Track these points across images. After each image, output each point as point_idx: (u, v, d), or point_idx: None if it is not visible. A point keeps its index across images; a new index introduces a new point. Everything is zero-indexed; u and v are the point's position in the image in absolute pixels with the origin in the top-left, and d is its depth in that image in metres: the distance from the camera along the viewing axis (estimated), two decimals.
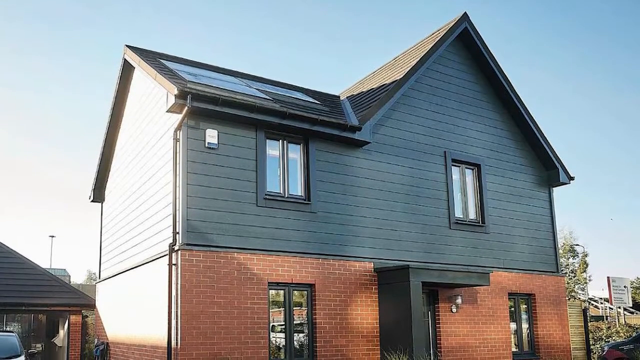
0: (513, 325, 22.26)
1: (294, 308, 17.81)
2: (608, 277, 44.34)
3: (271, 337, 17.16)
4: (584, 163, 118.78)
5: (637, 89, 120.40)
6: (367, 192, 19.37)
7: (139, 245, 19.97)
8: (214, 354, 15.70)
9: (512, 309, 22.33)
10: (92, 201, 26.64)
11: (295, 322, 17.78)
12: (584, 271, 69.55)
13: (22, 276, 28.56)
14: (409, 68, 20.87)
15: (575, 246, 70.35)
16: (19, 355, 19.24)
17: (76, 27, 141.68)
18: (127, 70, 22.37)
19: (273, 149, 18.19)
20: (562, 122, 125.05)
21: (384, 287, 18.78)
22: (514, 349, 21.99)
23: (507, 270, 22.13)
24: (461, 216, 21.66)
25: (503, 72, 23.03)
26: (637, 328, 39.97)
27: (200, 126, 16.68)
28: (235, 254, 16.56)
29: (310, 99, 21.53)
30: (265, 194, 17.44)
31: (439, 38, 21.87)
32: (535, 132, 23.43)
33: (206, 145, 16.68)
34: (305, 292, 17.93)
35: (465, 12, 22.40)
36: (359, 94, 23.27)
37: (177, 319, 15.59)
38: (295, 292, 17.84)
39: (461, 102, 22.38)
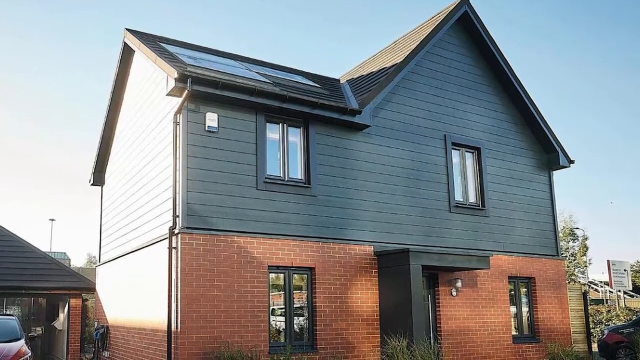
0: (513, 309, 22.29)
1: (294, 291, 17.83)
2: (608, 261, 44.49)
3: (271, 320, 17.19)
4: (584, 146, 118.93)
5: (637, 71, 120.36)
6: (367, 175, 19.36)
7: (139, 228, 19.99)
8: (214, 338, 15.72)
9: (512, 292, 22.36)
10: (92, 184, 26.65)
11: (295, 306, 17.80)
12: (584, 254, 69.60)
13: (22, 260, 28.59)
14: (409, 51, 20.82)
15: (575, 229, 70.41)
16: (19, 339, 19.24)
17: (76, 10, 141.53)
18: (127, 53, 22.33)
19: (273, 132, 18.17)
20: (562, 105, 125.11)
21: (384, 271, 18.79)
22: (514, 333, 22.03)
23: (507, 253, 22.15)
24: (461, 199, 21.65)
25: (503, 55, 22.98)
26: (637, 311, 40.15)
27: (200, 110, 16.65)
28: (235, 237, 16.57)
29: (310, 83, 21.50)
30: (265, 178, 17.43)
31: (439, 21, 21.81)
32: (535, 115, 23.41)
33: (206, 128, 16.65)
34: (305, 275, 17.95)
35: None
36: (359, 77, 23.23)
37: (177, 302, 15.61)
38: (295, 275, 17.86)
39: (461, 85, 22.34)
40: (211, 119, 16.73)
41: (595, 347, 29.39)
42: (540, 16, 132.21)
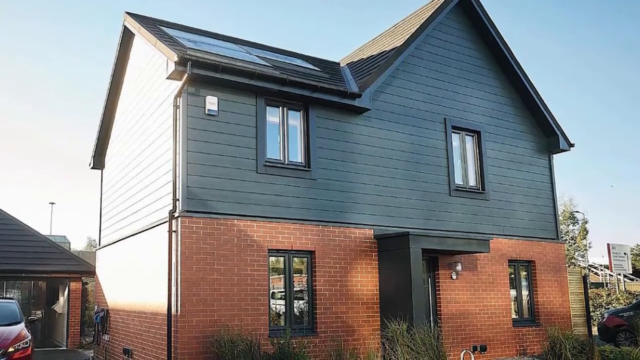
0: (513, 292, 22.32)
1: (294, 275, 17.84)
2: (608, 244, 44.53)
3: (271, 304, 17.20)
4: (584, 130, 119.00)
5: (637, 55, 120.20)
6: (367, 159, 19.34)
7: (139, 212, 19.98)
8: (214, 321, 15.74)
9: (512, 275, 22.38)
10: (92, 168, 26.59)
11: (295, 289, 17.82)
12: (584, 238, 69.73)
13: (22, 243, 28.66)
14: (408, 35, 20.78)
15: (575, 213, 70.50)
16: (19, 322, 19.25)
17: None
18: (127, 37, 22.27)
19: (273, 115, 18.13)
20: (562, 89, 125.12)
21: (384, 254, 18.80)
22: (514, 316, 22.08)
23: (507, 237, 22.17)
24: (461, 183, 21.64)
25: (503, 38, 22.93)
26: (637, 295, 40.22)
27: (200, 93, 16.62)
28: (235, 220, 16.56)
29: (310, 66, 21.46)
30: (265, 161, 17.41)
31: (439, 5, 21.78)
32: (535, 98, 23.39)
33: (206, 112, 16.62)
34: (305, 259, 17.96)
35: None
36: (358, 60, 23.19)
37: (177, 286, 15.62)
38: (295, 259, 17.87)
39: (461, 69, 22.31)
40: (211, 102, 16.70)
41: (595, 330, 29.47)
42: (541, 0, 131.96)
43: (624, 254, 45.35)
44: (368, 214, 19.10)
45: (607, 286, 53.33)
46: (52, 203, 79.06)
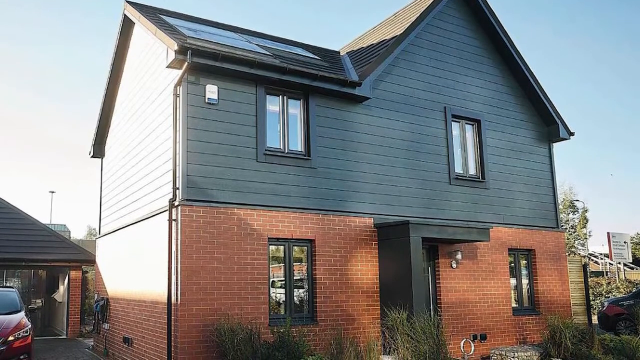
0: (513, 281, 22.33)
1: (294, 264, 17.84)
2: (608, 233, 44.47)
3: (271, 292, 17.21)
4: (584, 118, 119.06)
5: (636, 43, 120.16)
6: (367, 147, 19.32)
7: (138, 200, 19.98)
8: (214, 310, 15.74)
9: (512, 264, 22.39)
10: (92, 157, 26.60)
11: (295, 278, 17.81)
12: (584, 227, 69.82)
13: (22, 232, 28.68)
14: (408, 24, 20.77)
15: (575, 202, 70.57)
16: (19, 311, 19.27)
17: None
18: (127, 25, 22.24)
19: (273, 104, 18.10)
20: (562, 78, 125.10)
21: (384, 243, 18.79)
22: (514, 305, 22.09)
23: (507, 225, 22.17)
24: (461, 172, 21.63)
25: (503, 27, 22.89)
26: (637, 283, 40.25)
27: (200, 82, 16.59)
28: (235, 209, 16.55)
29: (310, 55, 21.44)
30: (265, 150, 17.38)
31: None
32: (535, 87, 23.37)
33: (206, 100, 16.59)
34: (305, 247, 17.95)
35: None
36: (358, 49, 23.16)
37: (177, 274, 15.62)
38: (295, 247, 17.86)
39: (461, 57, 22.29)
40: (211, 91, 16.67)
41: (595, 319, 29.52)
42: None
43: (624, 242, 45.30)
44: (368, 203, 19.10)
45: (607, 275, 53.48)
46: (52, 192, 79.55)
